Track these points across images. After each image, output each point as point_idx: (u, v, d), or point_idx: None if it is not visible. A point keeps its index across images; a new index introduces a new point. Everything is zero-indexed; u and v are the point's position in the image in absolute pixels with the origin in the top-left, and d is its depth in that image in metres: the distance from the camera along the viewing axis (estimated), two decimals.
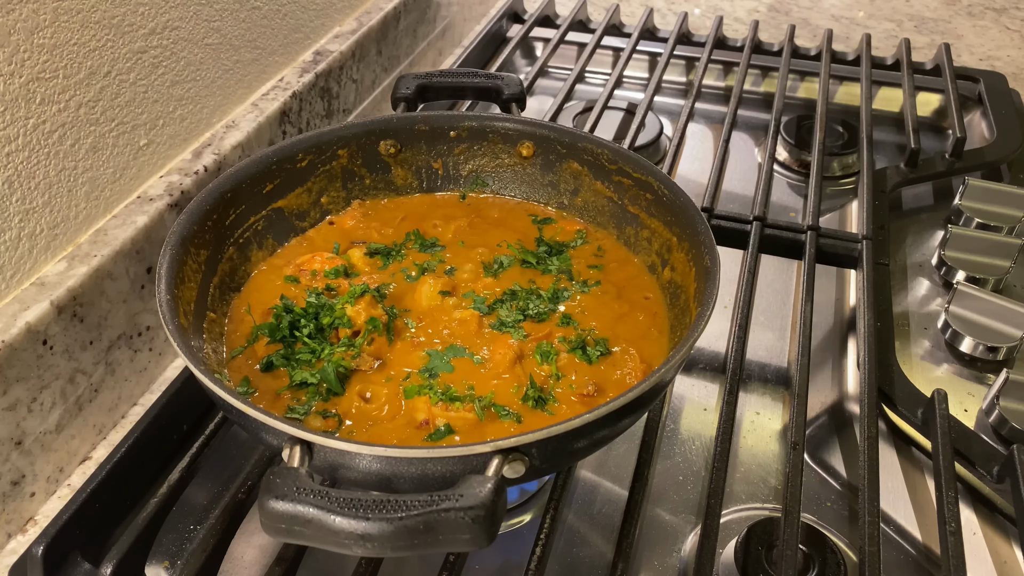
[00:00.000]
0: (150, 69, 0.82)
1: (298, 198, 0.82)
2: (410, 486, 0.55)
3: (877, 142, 1.20)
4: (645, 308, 0.75)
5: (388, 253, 0.81)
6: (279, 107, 0.99)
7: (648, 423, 0.73)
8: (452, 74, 0.89)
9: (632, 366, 0.69)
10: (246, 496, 0.67)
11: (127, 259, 0.78)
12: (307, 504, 0.48)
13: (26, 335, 0.69)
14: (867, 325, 0.83)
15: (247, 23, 0.95)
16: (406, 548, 0.48)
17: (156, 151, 0.85)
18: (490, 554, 0.70)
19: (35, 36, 0.69)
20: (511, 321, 0.73)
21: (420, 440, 0.63)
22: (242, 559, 0.68)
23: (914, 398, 0.79)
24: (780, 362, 0.89)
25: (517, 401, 0.66)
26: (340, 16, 1.14)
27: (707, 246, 0.69)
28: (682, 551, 0.71)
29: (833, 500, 0.75)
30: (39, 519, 0.73)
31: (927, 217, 1.08)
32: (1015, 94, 1.26)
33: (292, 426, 0.53)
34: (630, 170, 0.79)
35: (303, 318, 0.71)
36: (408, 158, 0.86)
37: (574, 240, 0.83)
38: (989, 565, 0.71)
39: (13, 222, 0.70)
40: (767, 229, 0.96)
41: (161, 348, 0.85)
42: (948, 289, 0.94)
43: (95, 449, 0.79)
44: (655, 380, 0.58)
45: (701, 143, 1.24)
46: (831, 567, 0.67)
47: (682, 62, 1.38)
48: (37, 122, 0.71)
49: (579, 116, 1.23)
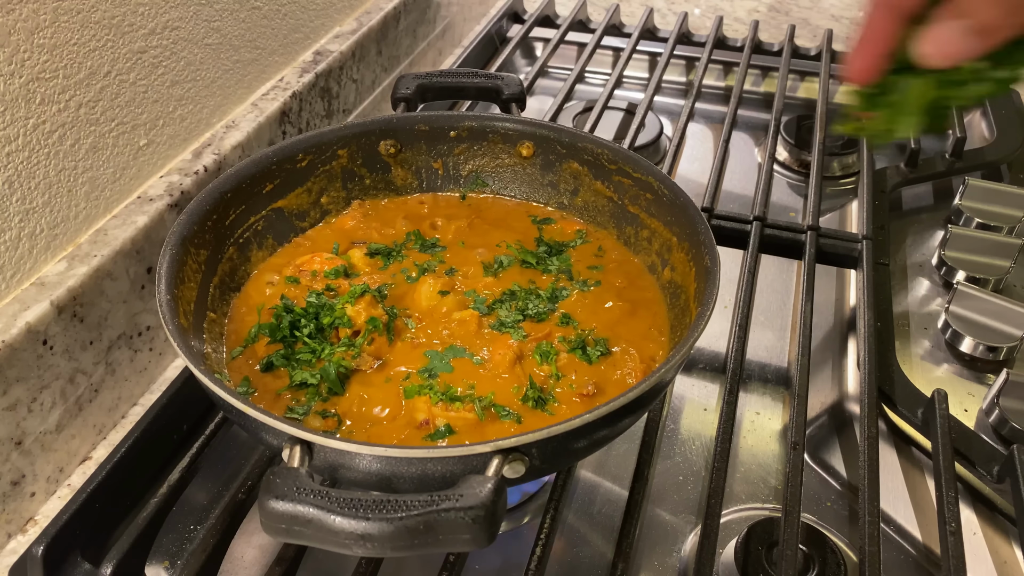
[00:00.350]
0: (150, 69, 0.82)
1: (298, 198, 0.82)
2: (410, 486, 0.55)
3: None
4: (645, 308, 0.75)
5: (388, 253, 0.81)
6: (279, 107, 0.99)
7: (648, 423, 0.73)
8: (452, 74, 0.89)
9: (632, 366, 0.69)
10: (246, 496, 0.67)
11: (127, 259, 0.78)
12: (307, 504, 0.48)
13: (26, 335, 0.69)
14: (867, 325, 0.83)
15: (247, 23, 0.95)
16: (406, 548, 0.48)
17: (156, 151, 0.85)
18: (490, 554, 0.70)
19: (35, 36, 0.69)
20: (511, 321, 0.73)
21: (420, 440, 0.63)
22: (242, 559, 0.68)
23: (914, 398, 0.79)
24: (780, 362, 0.89)
25: (517, 401, 0.66)
26: (340, 16, 1.14)
27: (707, 246, 0.69)
28: (682, 551, 0.71)
29: (833, 500, 0.75)
30: (39, 519, 0.73)
31: (927, 217, 1.08)
32: (1015, 94, 1.26)
33: (292, 426, 0.53)
34: (630, 170, 0.79)
35: (303, 318, 0.71)
36: (408, 158, 0.86)
37: (574, 240, 0.83)
38: (989, 565, 0.71)
39: (13, 222, 0.70)
40: (767, 229, 0.96)
41: (161, 348, 0.85)
42: (948, 289, 0.94)
43: (95, 449, 0.79)
44: (655, 380, 0.58)
45: (701, 143, 1.24)
46: (831, 567, 0.67)
47: (682, 62, 1.38)
48: (37, 122, 0.71)
49: (579, 116, 1.23)
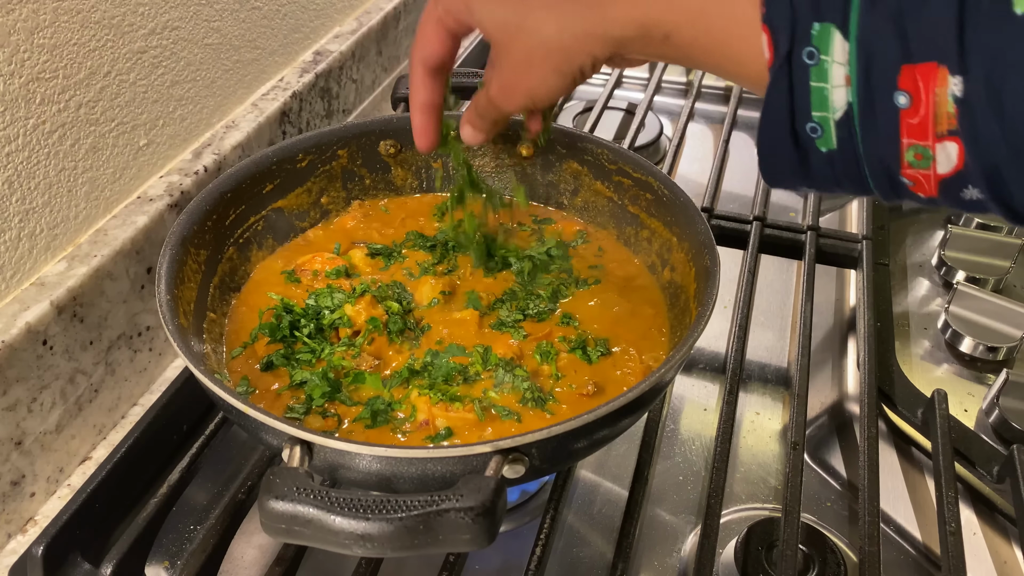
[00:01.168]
0: (150, 69, 0.82)
1: (298, 198, 0.82)
2: (410, 486, 0.55)
3: None
4: (645, 308, 0.75)
5: (389, 253, 0.81)
6: (279, 107, 0.99)
7: (648, 423, 0.73)
8: (452, 74, 0.89)
9: (632, 366, 0.69)
10: (246, 496, 0.67)
11: (127, 259, 0.78)
12: (307, 504, 0.48)
13: (26, 335, 0.69)
14: (867, 325, 0.83)
15: (247, 23, 0.95)
16: (406, 548, 0.48)
17: (156, 151, 0.85)
18: (490, 554, 0.70)
19: (35, 36, 0.69)
20: (511, 321, 0.73)
21: (420, 440, 0.63)
22: (242, 559, 0.68)
23: (914, 398, 0.79)
24: (780, 362, 0.89)
25: (516, 402, 0.66)
26: (340, 16, 1.14)
27: (707, 246, 0.69)
28: (682, 551, 0.71)
29: (833, 500, 0.75)
30: (39, 519, 0.73)
31: (927, 217, 1.08)
32: None
33: (292, 426, 0.53)
34: (630, 170, 0.79)
35: (303, 318, 0.71)
36: (408, 158, 0.86)
37: (574, 240, 0.83)
38: (989, 565, 0.71)
39: (13, 222, 0.70)
40: (767, 229, 0.96)
41: (161, 348, 0.85)
42: (948, 289, 0.94)
43: (95, 449, 0.79)
44: (655, 380, 0.58)
45: (701, 143, 1.24)
46: (831, 567, 0.67)
47: None
48: (37, 122, 0.71)
49: (579, 116, 1.23)
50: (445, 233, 0.81)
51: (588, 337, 0.71)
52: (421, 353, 0.70)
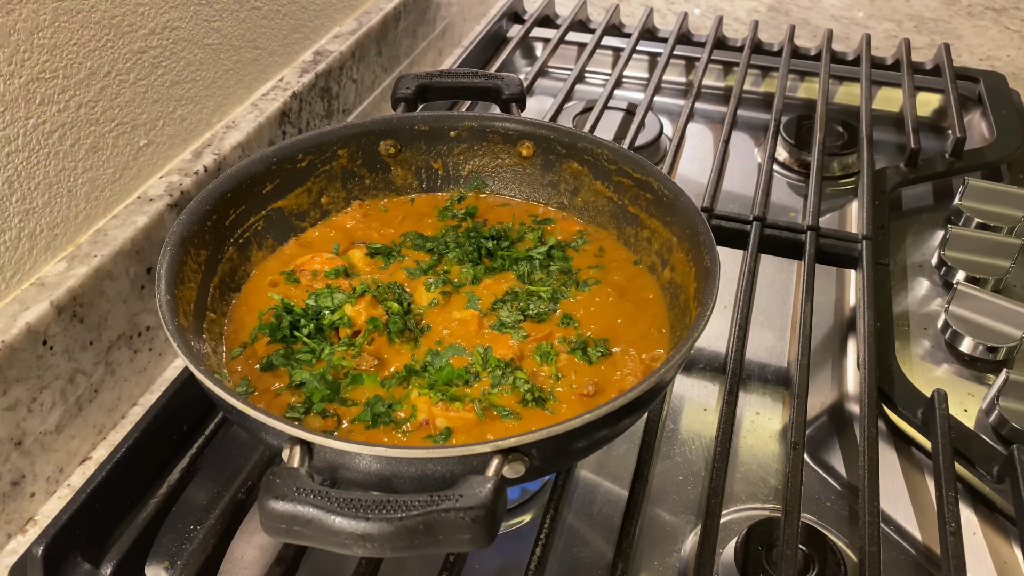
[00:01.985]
0: (150, 69, 0.82)
1: (298, 198, 0.82)
2: (410, 486, 0.55)
3: (877, 142, 1.20)
4: (645, 308, 0.75)
5: (388, 253, 0.81)
6: (279, 107, 0.99)
7: (648, 423, 0.73)
8: (452, 74, 0.89)
9: (632, 366, 0.69)
10: (246, 496, 0.67)
11: (127, 259, 0.78)
12: (307, 504, 0.48)
13: (26, 335, 0.69)
14: (867, 325, 0.83)
15: (247, 23, 0.95)
16: (406, 548, 0.48)
17: (156, 151, 0.85)
18: (490, 554, 0.70)
19: (35, 36, 0.69)
20: (511, 321, 0.73)
21: (420, 440, 0.63)
22: (242, 559, 0.68)
23: (914, 398, 0.79)
24: (780, 362, 0.89)
25: (516, 402, 0.66)
26: (340, 16, 1.14)
27: (707, 246, 0.69)
28: (682, 551, 0.71)
29: (833, 500, 0.75)
30: (39, 519, 0.73)
31: (927, 217, 1.08)
32: (1015, 94, 1.26)
33: (292, 426, 0.53)
34: (630, 170, 0.79)
35: (303, 318, 0.71)
36: (408, 158, 0.86)
37: (574, 240, 0.83)
38: (989, 565, 0.71)
39: (13, 222, 0.70)
40: (767, 229, 0.96)
41: (161, 348, 0.85)
42: (948, 289, 0.94)
43: (95, 449, 0.79)
44: (655, 380, 0.58)
45: (701, 143, 1.24)
46: (831, 567, 0.67)
47: (682, 62, 1.38)
48: (37, 122, 0.71)
49: (579, 116, 1.23)
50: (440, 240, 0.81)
51: (588, 337, 0.71)
52: (421, 353, 0.70)
